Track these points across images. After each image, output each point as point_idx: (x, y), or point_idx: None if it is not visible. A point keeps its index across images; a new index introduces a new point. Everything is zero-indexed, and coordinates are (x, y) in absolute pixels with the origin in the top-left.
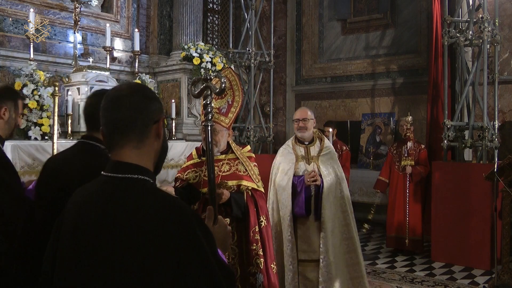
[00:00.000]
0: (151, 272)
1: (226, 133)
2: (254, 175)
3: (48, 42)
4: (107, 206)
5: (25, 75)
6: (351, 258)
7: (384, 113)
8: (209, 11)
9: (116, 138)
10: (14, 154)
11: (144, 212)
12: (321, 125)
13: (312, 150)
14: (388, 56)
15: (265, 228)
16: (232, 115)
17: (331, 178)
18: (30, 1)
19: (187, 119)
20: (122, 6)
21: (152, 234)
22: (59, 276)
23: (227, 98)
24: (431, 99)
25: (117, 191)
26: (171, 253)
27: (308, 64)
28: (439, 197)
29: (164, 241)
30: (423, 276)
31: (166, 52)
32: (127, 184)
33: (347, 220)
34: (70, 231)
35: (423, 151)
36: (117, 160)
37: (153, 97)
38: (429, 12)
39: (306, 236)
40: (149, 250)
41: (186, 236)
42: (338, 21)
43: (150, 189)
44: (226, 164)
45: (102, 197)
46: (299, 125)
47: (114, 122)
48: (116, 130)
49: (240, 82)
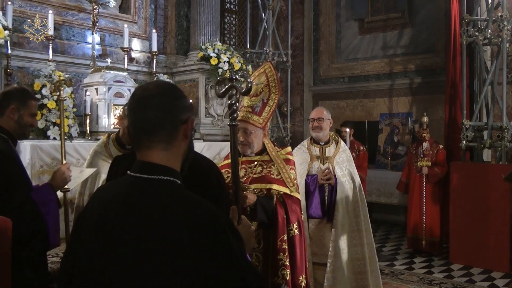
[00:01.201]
0: (181, 275)
1: (260, 133)
2: (288, 179)
3: (66, 43)
4: (135, 206)
5: (44, 75)
6: (359, 265)
7: (402, 113)
8: (226, 11)
9: (143, 138)
10: (33, 154)
11: (174, 213)
12: (338, 125)
13: (328, 151)
14: (406, 55)
15: (296, 238)
16: (267, 114)
17: (346, 180)
18: (49, 3)
19: (205, 119)
20: (140, 7)
21: (182, 236)
22: (80, 275)
23: (262, 95)
24: (449, 99)
25: (145, 192)
26: (202, 256)
27: (325, 64)
28: (457, 198)
29: (195, 244)
30: (441, 278)
31: (183, 52)
32: (156, 185)
33: (359, 225)
34: (94, 230)
35: (441, 152)
36: (144, 160)
37: (181, 97)
38: (447, 11)
39: (318, 238)
40: (179, 253)
41: (218, 239)
42: (355, 21)
43: (178, 190)
44: (259, 166)
45: (130, 197)
46: (314, 124)
47: (141, 122)
48: (143, 130)
49: (278, 80)
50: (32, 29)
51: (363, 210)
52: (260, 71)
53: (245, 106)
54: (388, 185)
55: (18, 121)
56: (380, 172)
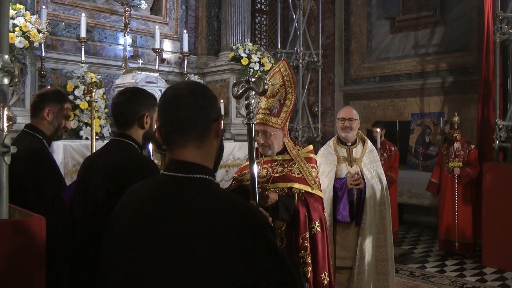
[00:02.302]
0: (222, 270)
1: (280, 134)
2: (309, 177)
3: (99, 45)
4: (172, 205)
5: (77, 77)
6: (382, 266)
7: (433, 113)
8: (257, 12)
9: (176, 138)
10: (66, 153)
11: (213, 210)
12: (369, 125)
13: (355, 152)
14: (438, 54)
15: (319, 235)
16: (285, 115)
17: (374, 182)
18: (82, 6)
19: (236, 119)
20: (171, 8)
21: (222, 233)
22: (115, 275)
23: (278, 96)
24: (482, 98)
25: (182, 190)
26: (244, 251)
27: (356, 64)
28: (490, 200)
29: (236, 240)
30: (473, 281)
31: (214, 53)
32: (191, 184)
33: (384, 227)
34: (127, 229)
35: (473, 152)
36: (178, 159)
37: (211, 96)
38: (480, 8)
39: (345, 242)
40: (220, 248)
41: (258, 234)
42: (386, 20)
43: (215, 189)
44: (281, 165)
45: (165, 196)
46: (344, 124)
47: (173, 122)
48: (176, 130)
49: (294, 78)
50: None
51: (388, 212)
52: (275, 70)
53: (263, 108)
54: (420, 186)
55: (52, 123)
56: (411, 173)
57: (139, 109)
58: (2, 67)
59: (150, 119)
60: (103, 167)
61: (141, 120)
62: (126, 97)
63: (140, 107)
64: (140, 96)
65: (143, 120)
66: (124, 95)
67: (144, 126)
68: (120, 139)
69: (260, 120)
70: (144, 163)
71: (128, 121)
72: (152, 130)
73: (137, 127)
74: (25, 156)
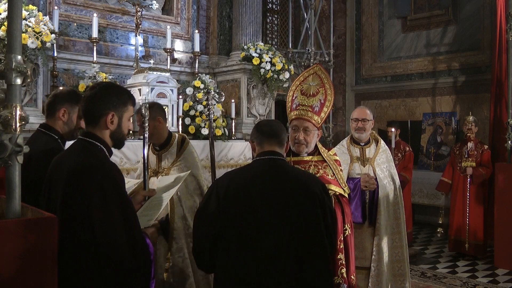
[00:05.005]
0: (317, 215)
1: (317, 133)
2: (341, 180)
3: (110, 45)
4: (279, 176)
5: (89, 77)
6: (399, 267)
7: (445, 113)
8: (268, 11)
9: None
10: None
11: (310, 178)
12: (381, 124)
13: (368, 152)
14: (450, 53)
15: (349, 237)
16: (324, 115)
17: (387, 182)
18: (94, 6)
19: (247, 119)
20: (182, 8)
21: (316, 193)
22: (234, 231)
23: (319, 96)
24: (494, 97)
25: (280, 167)
26: (323, 203)
27: (368, 63)
28: (502, 200)
29: (318, 204)
30: (485, 283)
31: (225, 53)
32: (283, 162)
33: (399, 227)
34: (245, 203)
35: (486, 152)
36: (271, 150)
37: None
38: (492, 7)
39: (358, 242)
40: (314, 202)
41: (328, 195)
42: (398, 19)
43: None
44: (314, 167)
45: (274, 171)
46: (357, 125)
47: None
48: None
49: (330, 80)
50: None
51: (402, 212)
52: (310, 72)
53: (304, 105)
54: (432, 186)
55: (67, 123)
56: (422, 173)
57: (104, 107)
58: (15, 68)
59: (118, 119)
60: (63, 168)
61: (105, 119)
62: (93, 92)
63: (105, 105)
64: (108, 93)
65: (106, 119)
66: (92, 90)
67: (107, 126)
68: (84, 138)
69: (301, 116)
70: (96, 168)
71: (94, 119)
72: (121, 131)
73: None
74: (42, 156)
